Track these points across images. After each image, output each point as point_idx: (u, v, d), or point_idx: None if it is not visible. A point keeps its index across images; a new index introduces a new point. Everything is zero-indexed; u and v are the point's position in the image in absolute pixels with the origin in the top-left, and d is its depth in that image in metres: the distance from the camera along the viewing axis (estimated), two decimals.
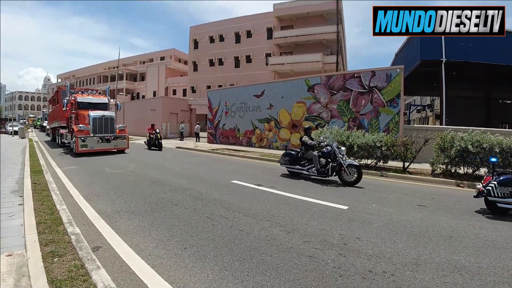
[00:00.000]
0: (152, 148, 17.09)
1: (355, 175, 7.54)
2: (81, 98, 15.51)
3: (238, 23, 34.60)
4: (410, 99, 46.38)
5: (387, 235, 4.12)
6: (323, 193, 6.67)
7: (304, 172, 8.46)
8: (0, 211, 4.62)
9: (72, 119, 14.98)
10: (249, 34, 34.04)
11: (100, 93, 18.63)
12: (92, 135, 13.80)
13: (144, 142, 17.88)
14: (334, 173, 7.85)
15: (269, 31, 32.44)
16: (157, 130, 17.11)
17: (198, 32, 37.78)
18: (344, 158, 7.85)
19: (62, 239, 3.62)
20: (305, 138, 8.64)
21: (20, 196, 5.61)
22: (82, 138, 13.32)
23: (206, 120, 24.45)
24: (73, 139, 13.82)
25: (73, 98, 15.18)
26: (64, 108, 14.95)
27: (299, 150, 8.80)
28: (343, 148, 8.28)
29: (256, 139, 18.48)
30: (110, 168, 10.16)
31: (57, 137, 19.64)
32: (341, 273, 3.02)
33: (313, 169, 8.19)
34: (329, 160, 7.94)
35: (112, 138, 14.53)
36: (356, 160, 10.20)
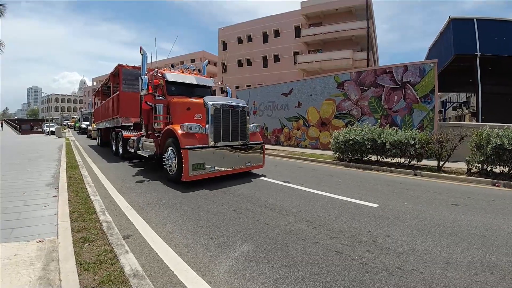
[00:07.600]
0: None
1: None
2: (172, 75, 8.67)
3: (266, 23, 34.69)
4: (445, 96, 44.01)
5: (418, 233, 3.95)
6: (353, 191, 6.49)
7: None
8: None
9: (160, 112, 8.03)
10: (276, 34, 34.01)
11: (200, 71, 11.35)
12: (213, 143, 7.04)
13: None
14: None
15: (297, 30, 32.20)
16: None
17: (226, 33, 38.35)
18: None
19: (94, 226, 3.82)
20: None
21: (55, 189, 5.86)
22: (197, 150, 6.66)
23: None
24: (168, 152, 7.18)
25: (159, 76, 8.47)
26: (143, 92, 8.25)
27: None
28: None
29: (284, 137, 18.36)
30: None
31: (113, 143, 13.15)
32: (368, 269, 2.93)
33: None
34: None
35: (244, 148, 7.82)
36: (389, 158, 9.80)
